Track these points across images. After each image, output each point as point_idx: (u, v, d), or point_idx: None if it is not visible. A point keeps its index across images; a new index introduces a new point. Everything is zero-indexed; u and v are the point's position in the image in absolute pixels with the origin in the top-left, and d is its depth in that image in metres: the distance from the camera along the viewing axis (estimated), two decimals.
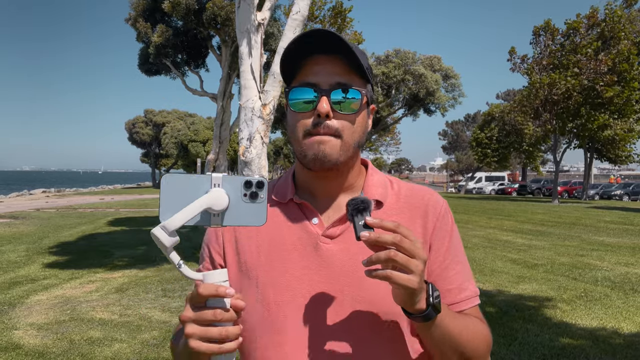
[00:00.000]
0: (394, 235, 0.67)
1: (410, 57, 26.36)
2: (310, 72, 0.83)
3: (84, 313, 5.24)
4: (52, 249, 9.57)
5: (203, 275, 0.69)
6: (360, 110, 0.84)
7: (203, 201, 0.65)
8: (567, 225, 14.14)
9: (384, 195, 0.90)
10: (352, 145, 0.84)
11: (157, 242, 0.65)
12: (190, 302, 0.68)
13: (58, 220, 15.13)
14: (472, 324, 0.84)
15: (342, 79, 0.82)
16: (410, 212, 0.89)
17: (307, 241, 0.86)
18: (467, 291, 0.88)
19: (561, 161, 28.28)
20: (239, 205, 0.67)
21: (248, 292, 0.86)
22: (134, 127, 48.29)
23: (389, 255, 0.66)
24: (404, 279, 0.67)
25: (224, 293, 0.66)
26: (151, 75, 14.79)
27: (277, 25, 12.52)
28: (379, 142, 51.39)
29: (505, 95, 56.49)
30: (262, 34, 5.17)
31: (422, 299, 0.72)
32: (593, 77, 22.86)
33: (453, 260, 0.88)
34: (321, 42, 0.81)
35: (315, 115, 0.82)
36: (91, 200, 27.43)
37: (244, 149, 4.99)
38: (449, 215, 0.91)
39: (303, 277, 0.84)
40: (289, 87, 0.86)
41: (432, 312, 0.73)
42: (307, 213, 0.88)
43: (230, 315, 0.66)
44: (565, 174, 61.16)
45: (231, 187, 0.67)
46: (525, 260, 8.41)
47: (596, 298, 5.86)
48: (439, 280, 0.87)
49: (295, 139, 0.85)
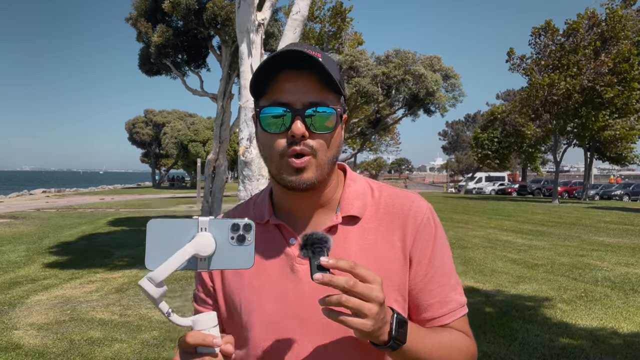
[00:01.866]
0: (347, 279, 0.66)
1: (410, 57, 26.35)
2: (282, 89, 0.80)
3: (84, 313, 5.24)
4: (52, 249, 9.57)
5: (192, 322, 0.69)
6: (335, 127, 0.82)
7: (190, 248, 0.65)
8: (567, 226, 14.14)
9: (361, 208, 0.88)
10: (327, 163, 0.82)
11: (145, 293, 0.65)
12: (180, 348, 0.69)
13: (58, 221, 15.14)
14: (448, 340, 0.83)
15: (316, 97, 0.79)
16: (389, 223, 0.87)
17: (285, 262, 0.86)
18: (451, 304, 0.86)
19: (561, 161, 28.29)
20: (226, 249, 0.67)
21: (233, 315, 0.88)
22: (134, 127, 48.30)
23: (340, 300, 0.66)
24: (357, 324, 0.67)
25: (211, 343, 0.67)
26: (152, 75, 14.79)
27: (277, 25, 12.52)
28: (379, 142, 51.36)
29: (505, 96, 56.47)
30: (263, 34, 5.17)
31: (385, 332, 0.71)
32: (593, 78, 22.86)
33: (437, 273, 0.86)
34: (292, 58, 0.78)
35: (289, 136, 0.79)
36: (91, 200, 27.44)
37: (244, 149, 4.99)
38: (431, 223, 0.88)
39: (280, 300, 0.84)
40: (259, 106, 0.83)
41: (395, 345, 0.73)
42: (285, 234, 0.88)
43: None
44: (566, 174, 61.17)
45: (218, 231, 0.67)
46: (526, 260, 8.41)
47: (596, 298, 5.86)
48: (421, 293, 0.86)
49: (271, 159, 0.82)
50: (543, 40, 25.37)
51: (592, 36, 23.91)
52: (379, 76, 25.77)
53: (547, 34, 25.27)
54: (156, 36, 12.36)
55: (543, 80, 23.52)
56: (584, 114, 24.18)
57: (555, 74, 23.46)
